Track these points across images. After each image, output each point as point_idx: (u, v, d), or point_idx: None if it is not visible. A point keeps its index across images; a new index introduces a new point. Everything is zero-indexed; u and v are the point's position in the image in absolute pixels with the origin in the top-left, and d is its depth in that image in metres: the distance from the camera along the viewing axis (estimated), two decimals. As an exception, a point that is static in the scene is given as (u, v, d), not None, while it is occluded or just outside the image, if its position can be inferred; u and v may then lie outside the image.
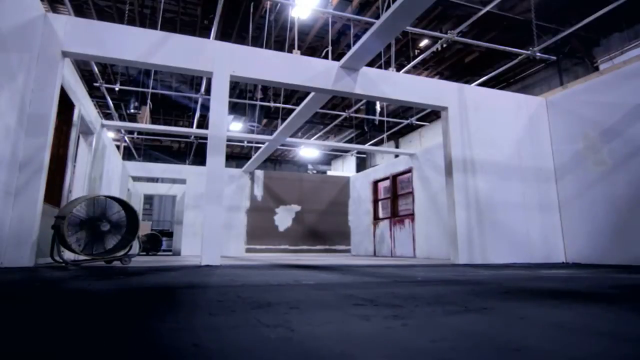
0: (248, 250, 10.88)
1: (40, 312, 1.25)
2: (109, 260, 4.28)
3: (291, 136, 8.93)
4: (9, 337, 0.89)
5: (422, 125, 13.68)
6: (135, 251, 4.66)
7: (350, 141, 15.87)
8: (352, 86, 5.37)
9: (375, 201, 11.22)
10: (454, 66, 10.78)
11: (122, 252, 4.26)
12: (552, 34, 7.64)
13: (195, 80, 11.41)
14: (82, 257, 4.32)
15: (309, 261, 6.14)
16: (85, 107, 5.84)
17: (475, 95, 6.17)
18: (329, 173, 18.69)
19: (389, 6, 4.72)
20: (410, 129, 14.60)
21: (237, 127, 12.06)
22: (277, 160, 19.65)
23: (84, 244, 4.02)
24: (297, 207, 11.55)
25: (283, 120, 9.12)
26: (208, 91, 8.18)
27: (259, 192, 11.35)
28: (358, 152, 16.30)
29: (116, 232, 4.22)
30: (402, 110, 13.28)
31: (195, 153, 15.70)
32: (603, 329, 1.00)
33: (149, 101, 10.34)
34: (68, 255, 4.39)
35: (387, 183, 10.83)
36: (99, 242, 4.13)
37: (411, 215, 9.48)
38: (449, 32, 6.85)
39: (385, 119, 11.64)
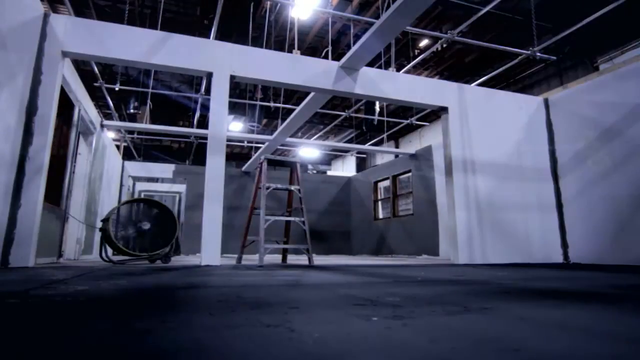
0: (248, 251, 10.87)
1: (36, 312, 1.25)
2: (152, 260, 4.71)
3: (291, 136, 8.93)
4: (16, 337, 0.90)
5: (422, 125, 13.67)
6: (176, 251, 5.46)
7: (350, 141, 15.86)
8: (352, 86, 5.37)
9: (375, 201, 11.23)
10: (454, 66, 10.78)
11: (162, 251, 4.76)
12: (552, 34, 7.63)
13: (195, 80, 11.40)
14: (125, 257, 4.82)
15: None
16: (85, 107, 5.84)
17: (475, 95, 6.17)
18: (329, 173, 18.68)
19: (389, 6, 4.72)
20: (410, 129, 14.59)
21: (237, 127, 12.05)
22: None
23: (128, 243, 4.62)
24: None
25: (283, 120, 9.12)
26: (208, 91, 8.17)
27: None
28: (358, 152, 16.29)
29: (157, 233, 4.77)
30: (402, 110, 13.28)
31: (195, 153, 15.68)
32: (604, 329, 1.00)
33: (149, 101, 10.33)
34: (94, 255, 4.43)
35: (387, 183, 10.84)
36: (141, 242, 4.71)
37: (411, 215, 9.48)
38: (449, 32, 6.85)
39: (385, 118, 11.64)
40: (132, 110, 10.00)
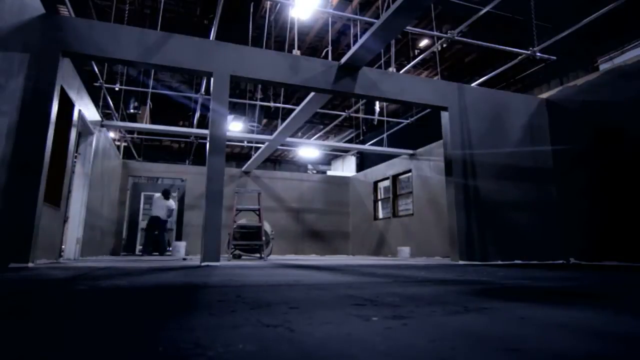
0: (248, 250, 10.86)
1: (35, 314, 1.26)
2: (254, 255, 7.22)
3: (291, 136, 8.93)
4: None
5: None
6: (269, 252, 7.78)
7: (350, 141, 15.84)
8: (352, 86, 5.37)
9: (375, 201, 11.22)
10: (454, 66, 10.78)
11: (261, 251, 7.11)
12: (552, 34, 7.63)
13: (195, 80, 11.40)
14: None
15: (308, 261, 6.15)
16: (85, 107, 5.84)
17: (475, 95, 6.17)
18: (329, 173, 18.68)
19: (389, 6, 4.72)
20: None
21: (237, 127, 12.04)
22: (277, 160, 19.63)
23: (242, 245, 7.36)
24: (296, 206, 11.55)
25: (283, 120, 9.12)
26: (208, 91, 8.17)
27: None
28: (358, 152, 16.26)
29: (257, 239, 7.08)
30: (402, 110, 13.27)
31: (195, 153, 15.67)
32: (603, 328, 1.00)
33: (149, 101, 10.33)
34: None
35: (387, 183, 10.84)
36: (250, 244, 7.28)
37: (411, 215, 9.48)
38: (449, 32, 6.84)
39: (385, 118, 11.63)
40: (132, 110, 10.00)
